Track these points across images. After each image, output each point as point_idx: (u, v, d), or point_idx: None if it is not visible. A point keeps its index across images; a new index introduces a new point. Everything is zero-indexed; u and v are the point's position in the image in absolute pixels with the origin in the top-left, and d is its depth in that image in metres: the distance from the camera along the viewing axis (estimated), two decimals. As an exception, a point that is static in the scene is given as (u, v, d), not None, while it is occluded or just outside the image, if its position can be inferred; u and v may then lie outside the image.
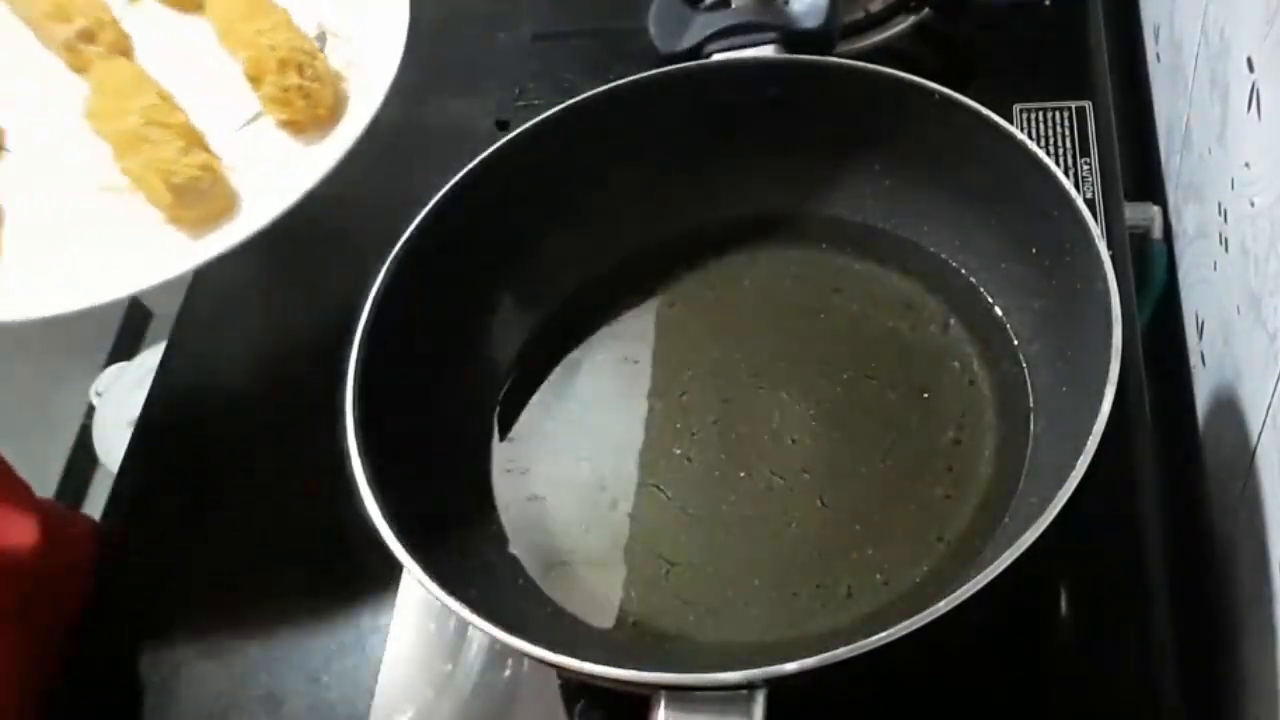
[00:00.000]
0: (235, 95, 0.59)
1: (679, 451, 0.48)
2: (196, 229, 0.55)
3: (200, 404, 0.67)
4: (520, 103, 0.71)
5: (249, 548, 0.59)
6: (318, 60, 0.58)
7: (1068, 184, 0.44)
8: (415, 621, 0.52)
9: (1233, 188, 0.52)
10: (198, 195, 0.54)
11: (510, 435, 0.50)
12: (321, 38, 0.61)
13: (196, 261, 0.53)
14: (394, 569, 0.56)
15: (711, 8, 0.57)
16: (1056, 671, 0.47)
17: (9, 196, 0.58)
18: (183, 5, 0.64)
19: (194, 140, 0.56)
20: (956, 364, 0.49)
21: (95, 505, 0.66)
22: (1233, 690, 0.51)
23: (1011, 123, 0.50)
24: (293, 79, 0.57)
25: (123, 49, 0.63)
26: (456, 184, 0.51)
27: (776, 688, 0.36)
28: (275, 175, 0.56)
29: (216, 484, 0.63)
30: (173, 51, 0.62)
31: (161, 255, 0.54)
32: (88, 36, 0.62)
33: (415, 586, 0.47)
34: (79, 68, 0.62)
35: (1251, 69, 0.49)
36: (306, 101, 0.57)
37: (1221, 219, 0.54)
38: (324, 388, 0.53)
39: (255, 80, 0.58)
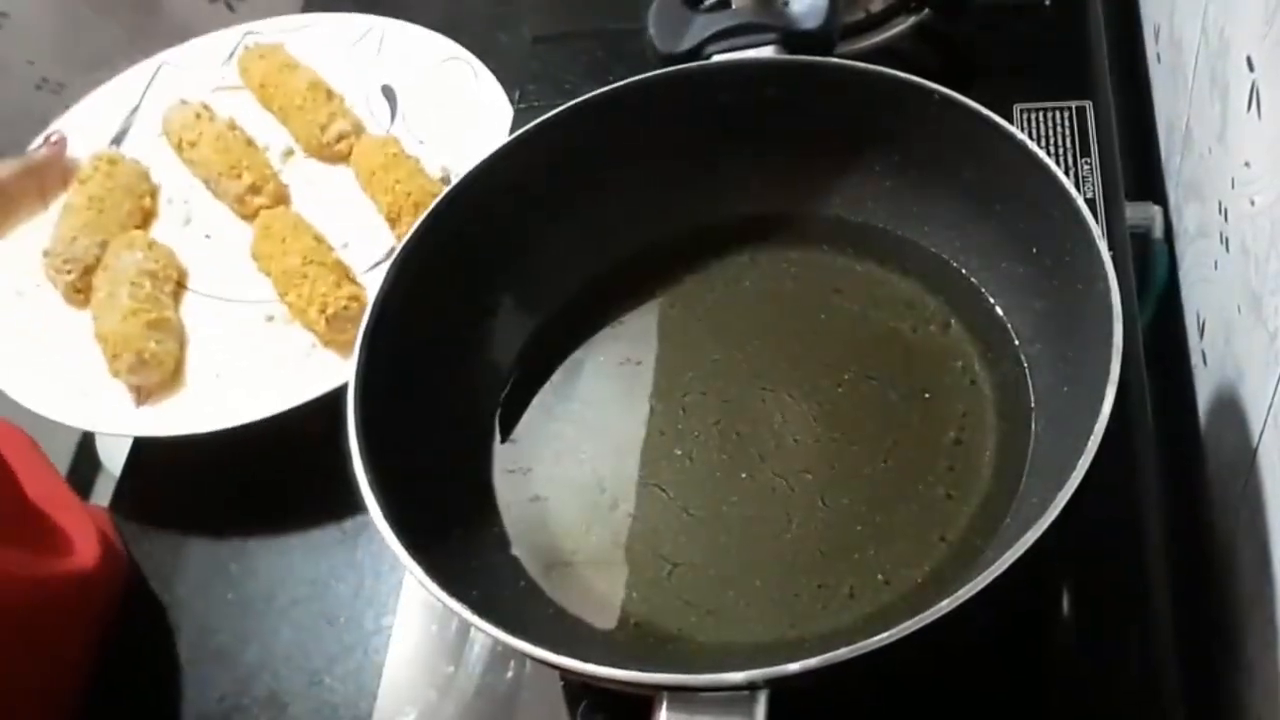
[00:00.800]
0: (375, 233, 0.68)
1: (680, 452, 0.48)
2: (345, 350, 0.62)
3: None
4: (521, 104, 0.71)
5: (251, 549, 0.59)
6: None
7: (1068, 184, 0.44)
8: (417, 623, 0.52)
9: (1233, 187, 0.52)
10: (347, 322, 0.62)
11: (511, 436, 0.50)
12: (446, 180, 0.69)
13: (344, 379, 0.60)
14: (396, 570, 0.56)
15: (711, 9, 0.57)
16: (1058, 671, 0.47)
17: (192, 327, 0.67)
18: (330, 158, 0.73)
19: (344, 275, 0.65)
20: (957, 364, 0.49)
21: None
22: (1234, 690, 0.51)
23: (1012, 123, 0.50)
24: None
25: (282, 198, 0.72)
26: (457, 186, 0.51)
27: (779, 688, 0.36)
28: None
29: (219, 486, 0.63)
30: (323, 198, 0.72)
31: (317, 375, 0.61)
32: (254, 190, 0.71)
33: (417, 588, 0.47)
34: (246, 216, 0.71)
35: (1251, 68, 0.49)
36: None
37: (1222, 218, 0.54)
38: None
39: (393, 221, 0.67)
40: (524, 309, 0.53)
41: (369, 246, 0.68)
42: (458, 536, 0.46)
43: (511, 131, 0.53)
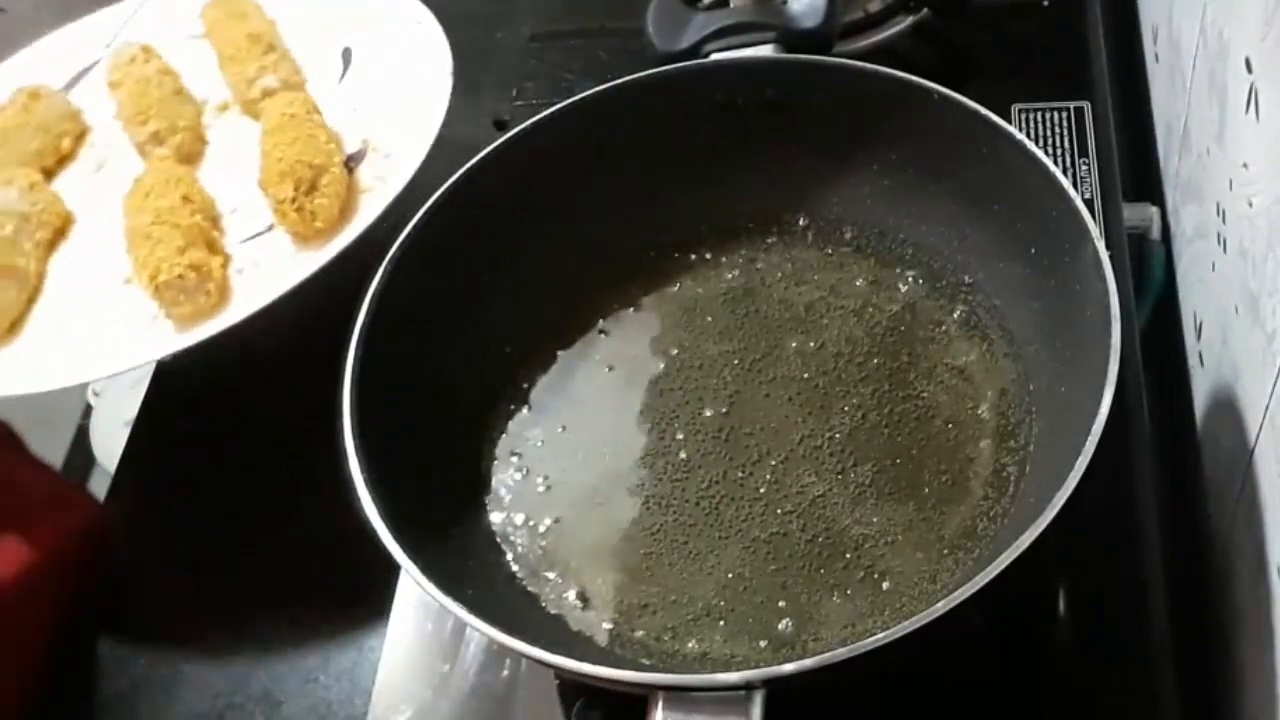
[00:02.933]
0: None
1: (677, 451, 0.48)
2: (185, 323, 0.57)
3: (198, 403, 0.67)
4: (519, 102, 0.71)
5: (246, 548, 0.59)
6: (326, 175, 0.59)
7: (1067, 184, 0.44)
8: (413, 622, 0.52)
9: (1231, 188, 0.52)
10: (181, 292, 0.56)
11: (508, 435, 0.50)
12: (360, 154, 0.63)
13: (167, 352, 0.57)
14: (392, 569, 0.56)
15: (710, 7, 0.57)
16: (1055, 671, 0.47)
17: (54, 277, 0.63)
18: (256, 114, 0.67)
19: (196, 240, 0.59)
20: (955, 364, 0.49)
21: (92, 505, 0.66)
22: (1231, 690, 0.51)
23: (1010, 123, 0.50)
24: (288, 192, 0.58)
25: (191, 153, 0.67)
26: (454, 184, 0.51)
27: (775, 688, 0.36)
28: (267, 281, 0.58)
29: (214, 483, 0.63)
30: (239, 157, 0.65)
31: (144, 347, 0.57)
32: (157, 139, 0.66)
33: (413, 587, 0.47)
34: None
35: (1250, 70, 0.49)
36: (299, 215, 0.58)
37: (1220, 219, 0.54)
38: (322, 387, 0.53)
39: (263, 187, 0.61)
40: (519, 309, 0.53)
41: (255, 216, 0.62)
42: (453, 536, 0.46)
43: (509, 129, 0.53)
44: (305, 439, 0.51)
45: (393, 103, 0.65)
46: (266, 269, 0.59)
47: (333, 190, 0.59)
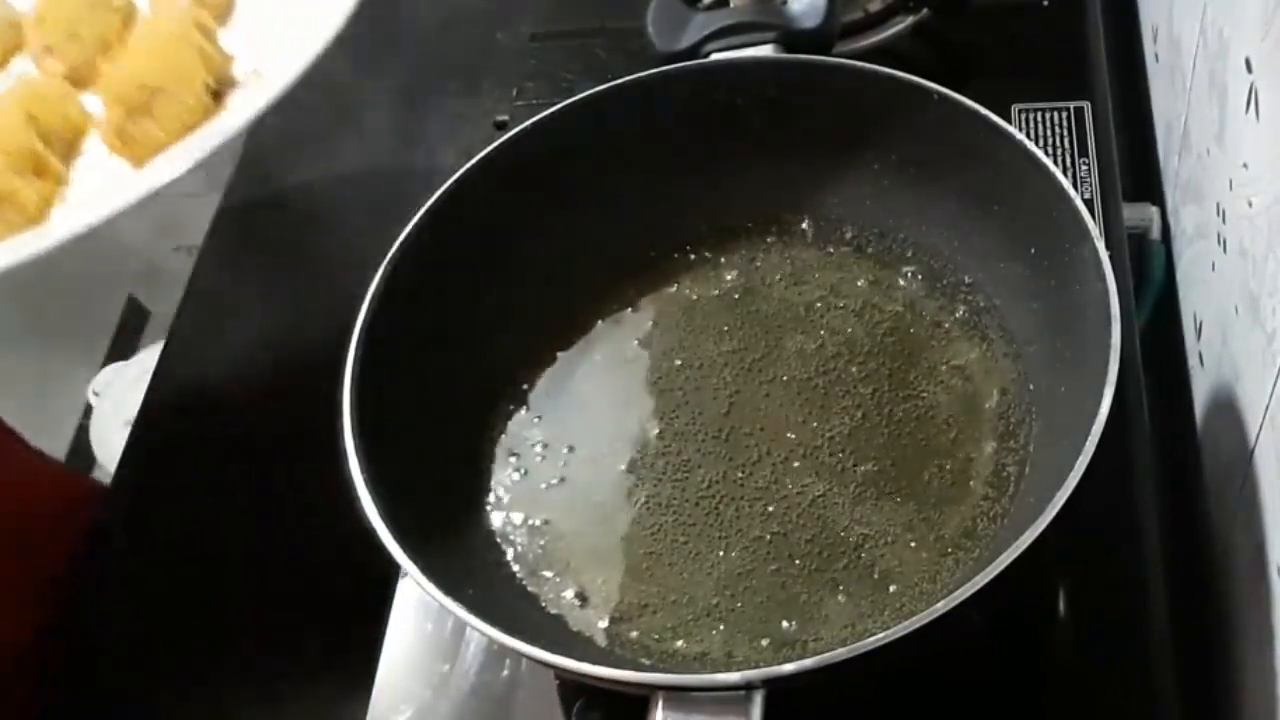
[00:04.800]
0: None
1: (677, 451, 0.48)
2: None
3: (198, 402, 0.67)
4: (519, 102, 0.71)
5: (246, 547, 0.59)
6: (165, 98, 0.55)
7: (1067, 184, 0.44)
8: (413, 622, 0.52)
9: (1231, 188, 0.52)
10: None
11: (508, 436, 0.50)
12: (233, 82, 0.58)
13: None
14: (392, 569, 0.56)
15: (710, 7, 0.57)
16: (1055, 671, 0.47)
17: None
18: None
19: (23, 167, 0.56)
20: (955, 364, 0.49)
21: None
22: (1230, 690, 0.51)
23: (1010, 123, 0.50)
24: (117, 116, 0.55)
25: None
26: (454, 184, 0.51)
27: (775, 688, 0.36)
28: (90, 205, 0.55)
29: (214, 482, 0.63)
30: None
31: None
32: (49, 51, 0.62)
33: (413, 587, 0.47)
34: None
35: (1250, 69, 0.49)
36: (121, 140, 0.55)
37: (1220, 219, 0.54)
38: (322, 387, 0.53)
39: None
40: (521, 307, 0.53)
41: None
42: (453, 536, 0.46)
43: (509, 129, 0.53)
44: (306, 438, 0.51)
45: (286, 25, 0.60)
46: (93, 188, 0.56)
47: (173, 119, 0.55)
